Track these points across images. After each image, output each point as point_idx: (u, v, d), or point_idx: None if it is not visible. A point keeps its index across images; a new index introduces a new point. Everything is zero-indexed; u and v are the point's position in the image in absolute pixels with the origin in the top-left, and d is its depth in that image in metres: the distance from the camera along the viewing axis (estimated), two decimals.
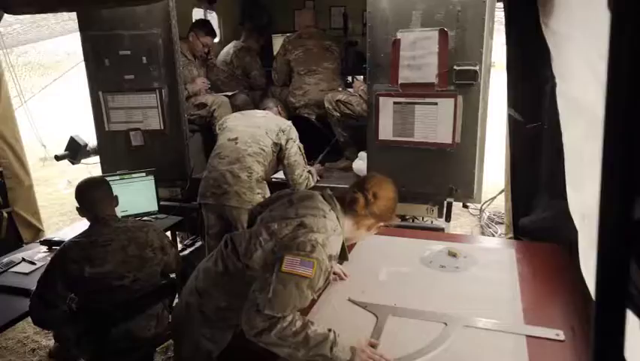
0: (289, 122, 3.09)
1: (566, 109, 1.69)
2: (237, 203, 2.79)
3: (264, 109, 3.32)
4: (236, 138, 2.93)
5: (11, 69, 3.94)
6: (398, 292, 1.71)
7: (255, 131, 2.94)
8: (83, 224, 2.30)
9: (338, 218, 1.49)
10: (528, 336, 1.43)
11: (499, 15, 2.92)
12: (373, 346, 1.39)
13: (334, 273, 1.83)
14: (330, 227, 1.43)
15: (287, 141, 2.97)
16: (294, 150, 2.99)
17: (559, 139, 1.86)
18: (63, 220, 5.56)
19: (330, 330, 1.35)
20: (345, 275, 1.84)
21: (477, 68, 2.65)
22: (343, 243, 1.51)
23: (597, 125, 0.89)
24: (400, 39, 2.78)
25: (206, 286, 1.56)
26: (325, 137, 3.82)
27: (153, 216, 3.26)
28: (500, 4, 2.70)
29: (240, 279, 1.49)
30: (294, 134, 3.03)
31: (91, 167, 3.75)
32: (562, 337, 1.40)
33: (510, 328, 1.47)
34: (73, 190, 6.14)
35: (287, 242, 1.38)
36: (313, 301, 1.66)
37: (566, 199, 1.88)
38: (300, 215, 1.44)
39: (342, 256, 1.55)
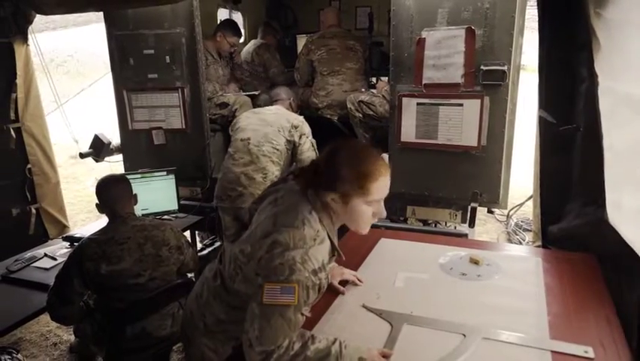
0: (301, 118, 3.06)
1: (614, 108, 1.57)
2: None
3: (275, 100, 3.28)
4: (248, 138, 2.92)
5: (48, 74, 4.05)
6: (415, 300, 1.63)
7: (267, 130, 2.92)
8: (97, 226, 2.32)
9: (321, 219, 1.36)
10: (554, 352, 1.32)
11: (533, 12, 2.79)
12: (386, 356, 1.32)
13: (347, 280, 1.74)
14: (310, 237, 1.30)
15: (300, 137, 2.94)
16: (307, 145, 2.95)
17: (596, 142, 1.74)
18: (90, 217, 5.69)
19: (334, 341, 1.27)
20: (359, 281, 1.77)
21: (505, 67, 2.55)
22: (333, 243, 1.39)
23: None
24: (424, 38, 2.71)
25: (207, 297, 1.53)
26: (347, 138, 3.76)
27: (173, 215, 3.28)
28: (533, 0, 2.58)
29: (235, 295, 1.44)
30: (307, 129, 3.00)
31: (114, 165, 3.79)
32: (591, 354, 1.30)
33: (534, 342, 1.37)
34: None
35: (265, 265, 1.28)
36: (325, 306, 1.61)
37: (601, 206, 1.76)
38: (277, 227, 1.32)
39: (333, 254, 1.43)
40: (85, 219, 5.65)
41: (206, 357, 1.49)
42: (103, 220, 3.10)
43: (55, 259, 2.64)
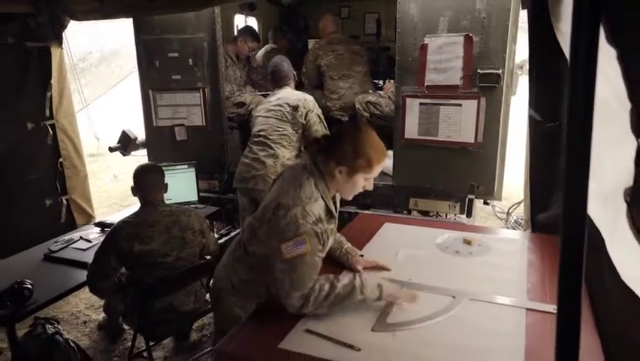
0: (301, 96, 3.22)
1: None
2: (263, 186, 3.07)
3: (284, 84, 3.32)
4: (259, 131, 3.22)
5: (76, 77, 4.33)
6: (413, 270, 1.88)
7: (272, 120, 3.19)
8: (127, 213, 2.58)
9: (316, 184, 1.61)
10: (528, 309, 1.57)
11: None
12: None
13: (379, 266, 1.94)
14: (305, 196, 1.56)
15: (306, 115, 3.15)
16: (314, 119, 3.17)
17: None
18: (109, 211, 5.98)
19: (355, 277, 1.58)
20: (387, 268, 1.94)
21: (500, 71, 2.79)
22: (327, 205, 1.65)
23: (607, 115, 1.01)
24: (427, 44, 2.96)
25: (232, 262, 1.82)
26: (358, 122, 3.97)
27: (193, 206, 3.52)
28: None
29: (253, 256, 1.72)
30: (311, 104, 3.19)
31: (139, 159, 4.06)
32: None
33: (512, 302, 1.62)
34: (118, 184, 6.54)
35: (274, 227, 1.56)
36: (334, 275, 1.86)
37: None
38: (280, 192, 1.61)
39: (331, 215, 1.69)
40: (105, 212, 5.93)
41: (234, 313, 1.76)
42: (122, 213, 3.39)
43: (90, 242, 2.92)
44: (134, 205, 4.12)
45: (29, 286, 2.22)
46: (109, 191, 6.74)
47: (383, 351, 1.37)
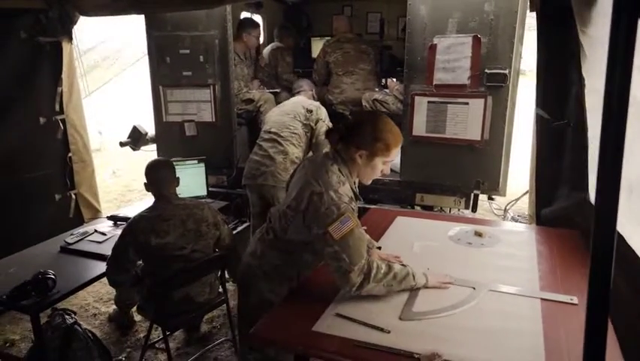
0: (317, 104, 3.38)
1: (598, 104, 1.90)
2: (273, 182, 3.15)
3: (297, 92, 3.57)
4: (270, 128, 3.30)
5: (82, 69, 4.35)
6: (430, 261, 1.96)
7: (285, 118, 3.28)
8: (133, 207, 2.61)
9: (340, 170, 1.70)
10: (542, 300, 1.65)
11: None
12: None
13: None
14: (335, 180, 1.65)
15: (316, 122, 3.28)
16: (324, 129, 3.26)
17: (583, 135, 2.08)
18: (109, 207, 5.98)
19: (404, 265, 1.70)
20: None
21: (506, 71, 2.89)
22: (352, 188, 1.74)
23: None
24: (436, 44, 3.05)
25: (263, 250, 1.88)
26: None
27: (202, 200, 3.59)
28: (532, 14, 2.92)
29: (288, 243, 1.80)
30: (323, 114, 3.33)
31: (149, 154, 4.09)
32: (576, 301, 1.62)
33: (529, 293, 1.71)
34: (117, 180, 6.57)
35: (314, 216, 1.63)
36: None
37: (585, 190, 2.11)
38: (309, 179, 1.67)
39: (356, 198, 1.79)
40: (106, 208, 5.93)
41: (266, 299, 1.82)
42: (130, 207, 3.43)
43: (104, 234, 2.96)
44: (135, 201, 4.16)
45: (52, 276, 2.26)
46: (109, 187, 6.74)
47: (411, 333, 1.45)
